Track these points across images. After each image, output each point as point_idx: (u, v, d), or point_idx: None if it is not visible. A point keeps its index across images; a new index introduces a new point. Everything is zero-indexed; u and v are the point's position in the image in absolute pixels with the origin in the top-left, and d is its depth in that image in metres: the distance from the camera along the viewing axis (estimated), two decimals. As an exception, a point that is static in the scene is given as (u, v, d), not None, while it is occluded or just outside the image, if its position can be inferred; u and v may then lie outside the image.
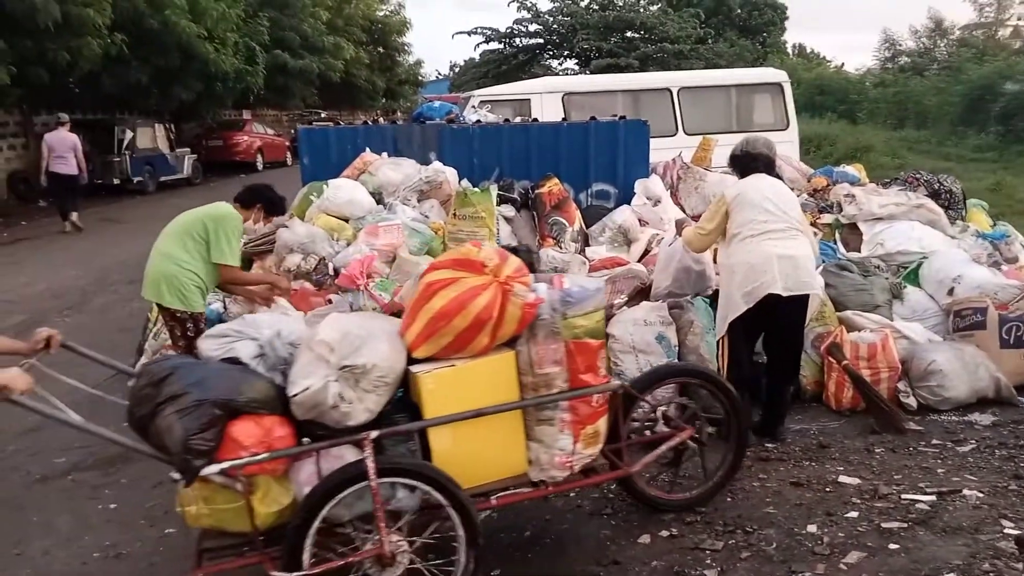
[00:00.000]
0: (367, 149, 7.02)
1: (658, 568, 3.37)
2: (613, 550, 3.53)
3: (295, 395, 2.86)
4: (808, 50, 49.38)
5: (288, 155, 26.48)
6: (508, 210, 6.68)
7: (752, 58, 33.68)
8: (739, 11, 39.23)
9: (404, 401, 3.14)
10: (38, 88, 15.89)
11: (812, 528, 3.60)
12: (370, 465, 2.81)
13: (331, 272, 5.68)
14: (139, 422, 2.89)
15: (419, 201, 6.53)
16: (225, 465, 2.77)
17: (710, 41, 35.21)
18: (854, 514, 3.71)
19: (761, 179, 4.58)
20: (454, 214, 6.13)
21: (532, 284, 3.20)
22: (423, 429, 3.05)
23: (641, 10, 34.21)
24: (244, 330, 3.17)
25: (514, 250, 4.55)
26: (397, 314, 3.41)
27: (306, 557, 2.82)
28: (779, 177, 4.84)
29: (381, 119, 9.99)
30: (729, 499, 3.91)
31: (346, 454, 2.96)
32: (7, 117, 18.05)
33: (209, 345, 3.15)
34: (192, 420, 2.74)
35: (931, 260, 5.90)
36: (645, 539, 3.60)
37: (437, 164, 6.78)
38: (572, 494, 3.93)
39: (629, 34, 33.40)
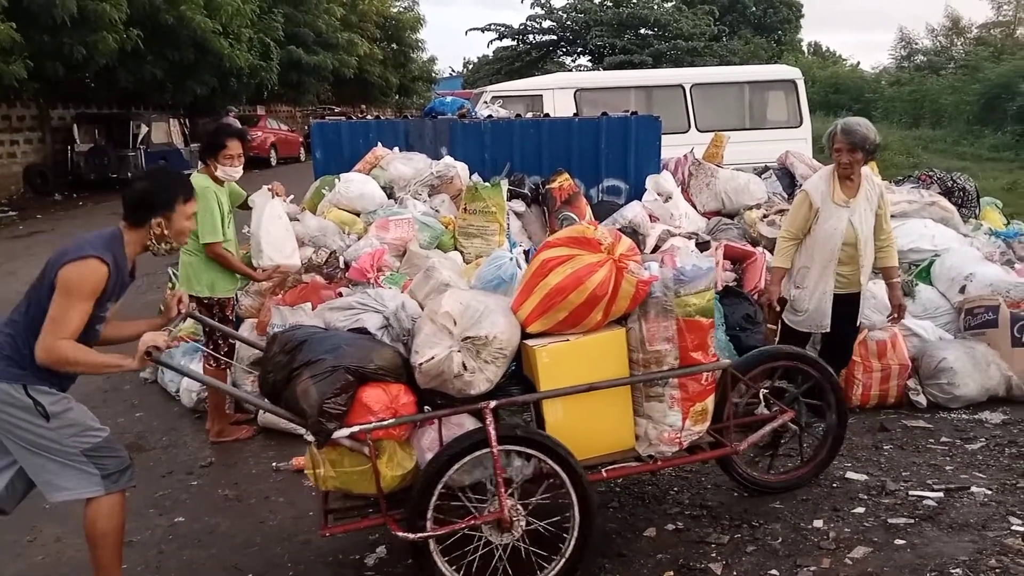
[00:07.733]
0: (379, 143, 7.04)
1: (663, 561, 3.38)
2: (619, 543, 3.54)
3: (422, 363, 2.97)
4: (824, 48, 49.17)
5: (302, 151, 26.57)
6: (519, 205, 6.70)
7: (767, 56, 33.49)
8: (754, 8, 39.04)
9: (517, 375, 3.25)
10: (54, 82, 16.04)
11: (818, 523, 3.60)
12: (492, 432, 2.93)
13: (342, 265, 5.72)
14: (272, 387, 3.04)
15: (430, 196, 6.56)
16: (356, 428, 2.90)
17: (724, 39, 35.09)
18: (861, 510, 3.71)
19: None
20: (464, 209, 6.15)
21: (645, 263, 3.27)
22: (537, 401, 3.15)
23: (655, 7, 34.11)
24: (369, 303, 3.32)
25: (621, 230, 4.59)
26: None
27: (429, 519, 2.96)
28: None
29: (378, 116, 9.92)
30: (735, 494, 3.92)
31: (465, 422, 3.12)
32: (24, 111, 18.18)
33: (336, 316, 3.32)
34: (327, 385, 2.87)
35: (943, 258, 5.87)
36: (651, 532, 3.61)
37: (448, 159, 6.80)
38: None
39: (643, 31, 33.33)
